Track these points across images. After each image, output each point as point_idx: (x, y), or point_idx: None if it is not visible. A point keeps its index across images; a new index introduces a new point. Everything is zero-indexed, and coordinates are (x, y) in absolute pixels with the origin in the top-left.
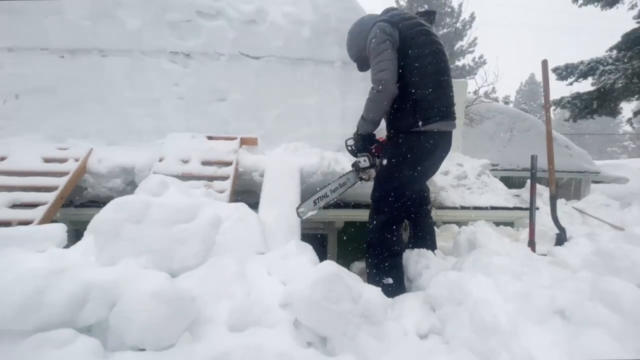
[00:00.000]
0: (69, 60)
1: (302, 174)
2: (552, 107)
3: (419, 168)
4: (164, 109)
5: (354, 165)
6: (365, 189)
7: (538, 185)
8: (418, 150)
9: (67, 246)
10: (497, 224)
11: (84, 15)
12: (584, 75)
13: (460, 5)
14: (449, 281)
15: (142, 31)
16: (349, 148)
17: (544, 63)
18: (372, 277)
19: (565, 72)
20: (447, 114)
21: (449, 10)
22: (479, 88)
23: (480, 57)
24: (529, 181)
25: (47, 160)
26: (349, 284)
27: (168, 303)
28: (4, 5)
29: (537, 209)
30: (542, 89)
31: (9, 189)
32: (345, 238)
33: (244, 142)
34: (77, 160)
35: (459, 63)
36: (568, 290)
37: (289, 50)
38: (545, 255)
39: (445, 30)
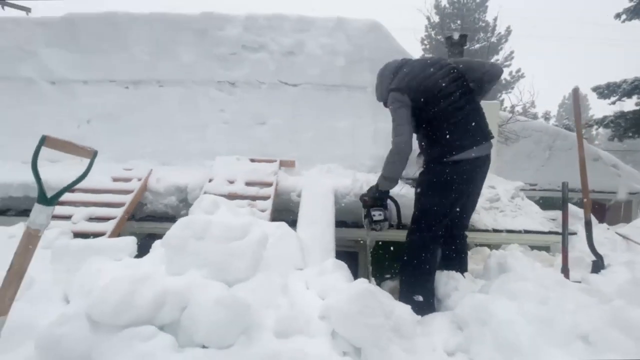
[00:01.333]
0: (132, 91)
1: (337, 195)
2: (595, 127)
3: (449, 194)
4: (210, 132)
5: (367, 216)
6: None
7: (578, 209)
8: (448, 178)
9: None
10: (532, 248)
11: (146, 51)
12: (628, 94)
13: (495, 20)
14: (475, 303)
15: (195, 64)
16: (364, 201)
17: (575, 91)
18: (404, 293)
19: (607, 91)
20: (477, 141)
21: (483, 24)
22: (513, 106)
23: (518, 70)
24: (569, 205)
25: (115, 180)
26: (381, 300)
27: (229, 309)
28: (81, 45)
29: (575, 234)
30: (588, 102)
31: (86, 204)
32: (376, 257)
33: (283, 164)
34: (139, 179)
35: None
36: (592, 316)
37: (324, 77)
38: (579, 282)
39: (478, 45)
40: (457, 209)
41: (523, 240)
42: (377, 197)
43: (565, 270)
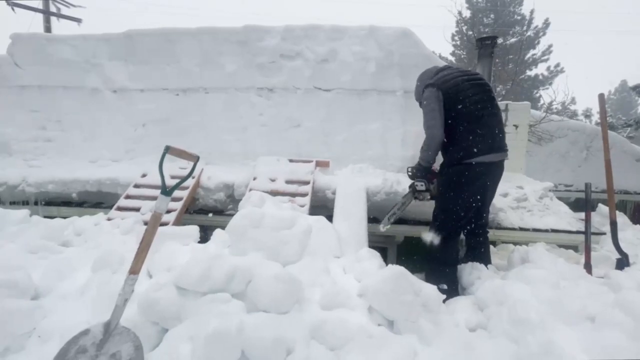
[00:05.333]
0: (182, 97)
1: (368, 193)
2: (633, 127)
3: (466, 193)
4: (250, 134)
5: (411, 186)
6: (423, 208)
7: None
8: (462, 179)
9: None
10: (560, 247)
11: (194, 62)
12: None
13: (531, 12)
14: (494, 286)
15: (237, 72)
16: (409, 173)
17: (601, 96)
18: (430, 282)
19: None
20: (492, 148)
21: (519, 18)
22: (550, 103)
23: (557, 65)
24: (600, 205)
25: (173, 177)
26: (412, 280)
27: (286, 283)
28: (138, 58)
29: (604, 233)
30: (636, 98)
31: (152, 198)
32: (404, 252)
33: (318, 164)
34: (193, 177)
35: (531, 73)
36: (600, 301)
37: (355, 82)
38: (601, 277)
39: (514, 40)
40: (475, 206)
41: (550, 239)
42: (420, 170)
43: (587, 266)
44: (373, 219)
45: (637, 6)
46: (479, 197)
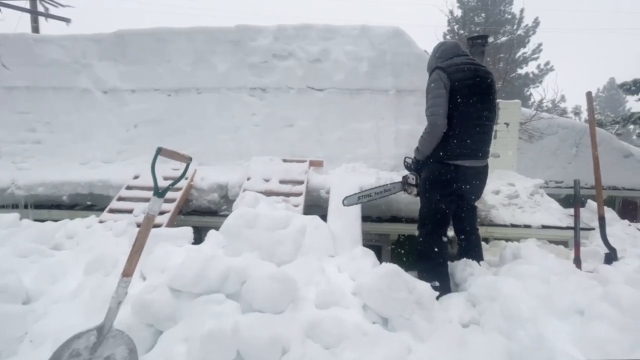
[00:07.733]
0: (174, 98)
1: None
2: (620, 124)
3: (442, 190)
4: (243, 134)
5: (404, 177)
6: (416, 206)
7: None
8: (441, 178)
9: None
10: (550, 242)
11: (186, 62)
12: None
13: (521, 11)
14: (486, 282)
15: (229, 72)
16: (406, 164)
17: (588, 94)
18: (422, 280)
19: (634, 87)
20: (475, 155)
21: (509, 17)
22: (541, 101)
23: (547, 63)
24: (589, 201)
25: (165, 178)
26: (405, 278)
27: (280, 283)
28: (129, 58)
29: (593, 229)
30: (624, 95)
31: (144, 200)
32: (398, 250)
33: (312, 163)
34: (186, 178)
35: (521, 71)
36: (589, 295)
37: (348, 82)
38: (591, 272)
39: (504, 38)
40: (454, 205)
41: (541, 235)
42: (415, 163)
43: (577, 261)
44: (367, 218)
45: (627, 5)
46: (457, 196)
